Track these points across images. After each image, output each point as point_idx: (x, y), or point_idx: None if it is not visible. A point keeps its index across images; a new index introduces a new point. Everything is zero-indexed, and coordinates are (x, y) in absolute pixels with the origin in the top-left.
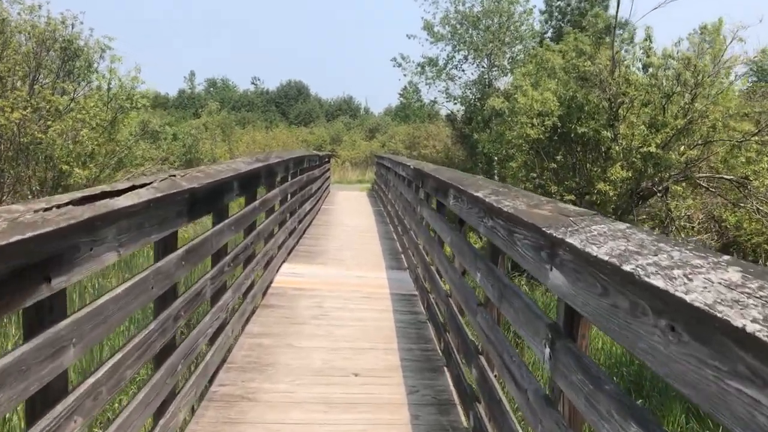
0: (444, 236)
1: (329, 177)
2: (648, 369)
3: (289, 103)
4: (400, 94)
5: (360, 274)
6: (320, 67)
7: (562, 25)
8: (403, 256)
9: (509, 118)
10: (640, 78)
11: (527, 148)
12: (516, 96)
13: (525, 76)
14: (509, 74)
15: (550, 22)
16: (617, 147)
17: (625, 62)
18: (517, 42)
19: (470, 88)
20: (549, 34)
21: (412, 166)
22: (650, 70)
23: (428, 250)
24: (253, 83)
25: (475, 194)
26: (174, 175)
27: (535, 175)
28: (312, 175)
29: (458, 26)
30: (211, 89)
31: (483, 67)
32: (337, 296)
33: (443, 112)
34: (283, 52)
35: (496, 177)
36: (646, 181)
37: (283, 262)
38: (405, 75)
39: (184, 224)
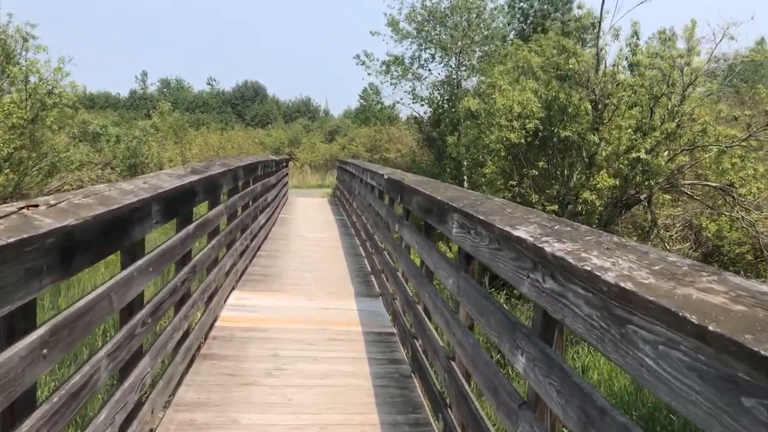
0: (440, 273)
1: (287, 182)
2: None
3: (246, 104)
4: (360, 95)
5: (324, 305)
6: (278, 68)
7: (525, 27)
8: (373, 278)
9: (485, 120)
10: (627, 78)
11: (505, 153)
12: (494, 96)
13: (503, 74)
14: (478, 74)
15: (512, 24)
16: (603, 152)
17: (609, 61)
18: (488, 40)
19: (438, 89)
20: (511, 36)
21: (385, 176)
22: (638, 69)
23: (415, 286)
24: (208, 84)
25: (514, 233)
26: (34, 205)
27: (514, 183)
28: (268, 183)
29: (425, 23)
30: (165, 90)
31: (451, 66)
32: (297, 339)
33: (404, 114)
34: (240, 52)
35: (465, 183)
36: (632, 189)
37: (232, 290)
38: (369, 74)
39: (47, 285)
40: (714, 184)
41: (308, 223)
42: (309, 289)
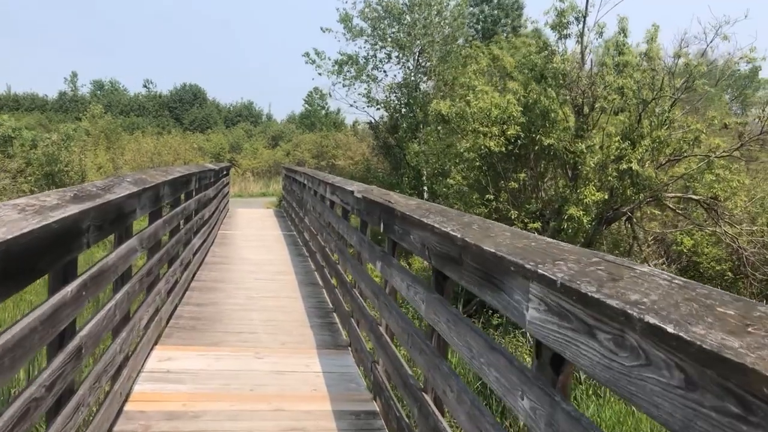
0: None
1: (228, 192)
2: None
3: (184, 108)
4: (304, 100)
5: (279, 367)
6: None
7: (475, 32)
8: (337, 318)
9: (457, 126)
10: (617, 79)
11: (480, 163)
12: (468, 98)
13: (477, 74)
14: (438, 76)
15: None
16: (591, 162)
17: (592, 61)
18: (449, 39)
19: (395, 92)
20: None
21: (357, 193)
22: (625, 70)
23: (416, 356)
24: (145, 86)
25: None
26: None
27: (491, 197)
28: (205, 198)
29: (380, 20)
30: (98, 92)
31: (409, 68)
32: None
33: (350, 119)
34: (179, 54)
35: (425, 195)
36: (619, 203)
37: (154, 346)
38: (320, 74)
39: None
40: (697, 197)
41: (253, 241)
42: (257, 339)
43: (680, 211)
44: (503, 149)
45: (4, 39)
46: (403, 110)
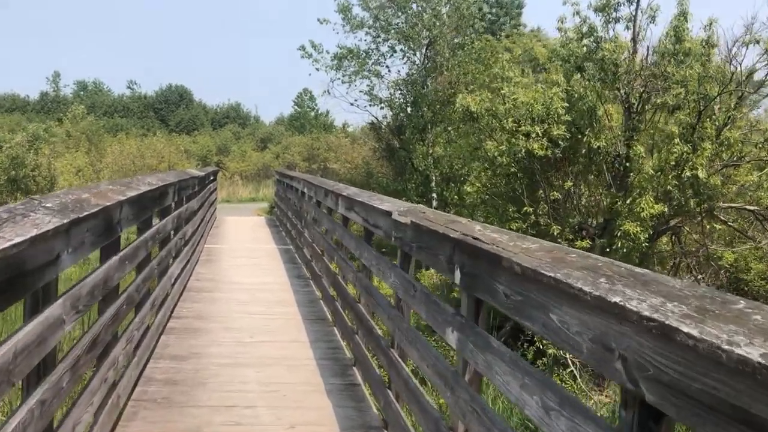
0: None
1: (215, 200)
2: None
3: (170, 109)
4: (294, 101)
5: None
6: (205, 72)
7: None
8: (360, 377)
9: (487, 125)
10: (678, 71)
11: (516, 169)
12: (504, 91)
13: (511, 63)
14: (450, 71)
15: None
16: (650, 169)
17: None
18: (464, 28)
19: (400, 89)
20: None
21: (395, 214)
22: (686, 60)
23: None
24: (129, 87)
25: None
26: None
27: (529, 209)
28: (187, 211)
29: (383, 9)
30: (82, 92)
31: (415, 62)
32: None
33: (339, 121)
34: (164, 54)
35: (434, 203)
36: (679, 216)
37: (114, 427)
38: (317, 68)
39: None
40: (752, 208)
41: (244, 258)
42: (256, 419)
43: (730, 225)
44: (548, 153)
45: None
46: (409, 109)
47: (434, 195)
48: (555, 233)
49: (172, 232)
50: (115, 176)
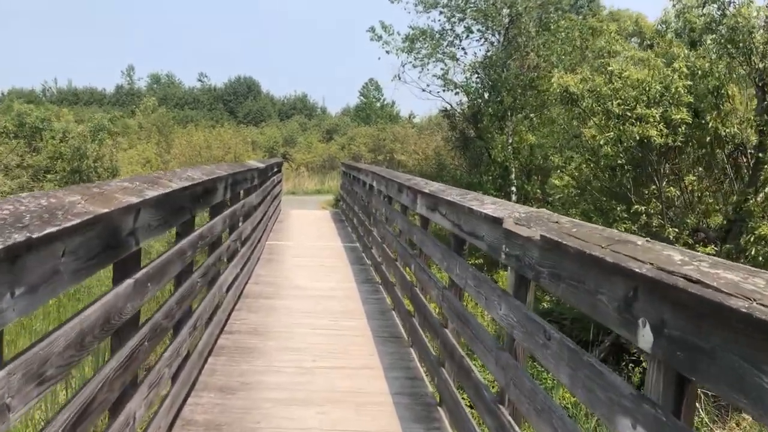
0: None
1: (279, 193)
2: None
3: (238, 101)
4: (360, 92)
5: None
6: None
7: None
8: (447, 420)
9: (590, 108)
10: None
11: (626, 159)
12: (611, 68)
13: (617, 35)
14: (536, 50)
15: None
16: None
17: None
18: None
19: (477, 72)
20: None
21: (506, 222)
22: None
23: None
24: (199, 80)
25: None
26: None
27: (641, 209)
28: (245, 207)
29: None
30: (155, 85)
31: (493, 43)
32: None
33: (405, 111)
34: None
35: (513, 197)
36: None
37: None
38: (387, 51)
39: None
40: None
41: (307, 258)
42: None
43: None
44: (667, 141)
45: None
46: (487, 95)
47: (513, 189)
48: (671, 236)
49: (225, 233)
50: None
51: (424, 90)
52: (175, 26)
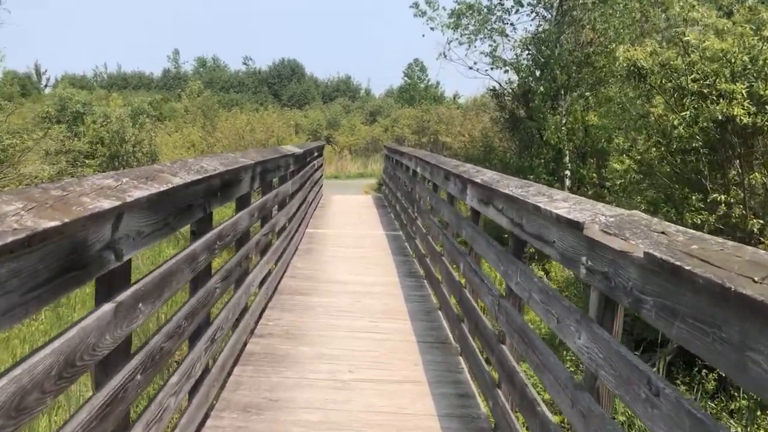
0: None
1: (320, 178)
2: None
3: (282, 84)
4: (404, 72)
5: None
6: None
7: None
8: None
9: (660, 84)
10: None
11: (701, 142)
12: (688, 38)
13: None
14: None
15: None
16: None
17: None
18: None
19: (528, 49)
20: None
21: (623, 244)
22: None
23: None
24: (244, 63)
25: None
26: None
27: (721, 197)
28: (279, 197)
29: None
30: (201, 69)
31: (545, 17)
32: None
33: (449, 92)
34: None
35: (567, 182)
36: None
37: None
38: (432, 28)
39: None
40: None
41: (348, 248)
42: None
43: None
44: (756, 120)
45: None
46: (538, 72)
47: (567, 173)
48: (755, 229)
49: (257, 225)
50: (226, 151)
51: (471, 68)
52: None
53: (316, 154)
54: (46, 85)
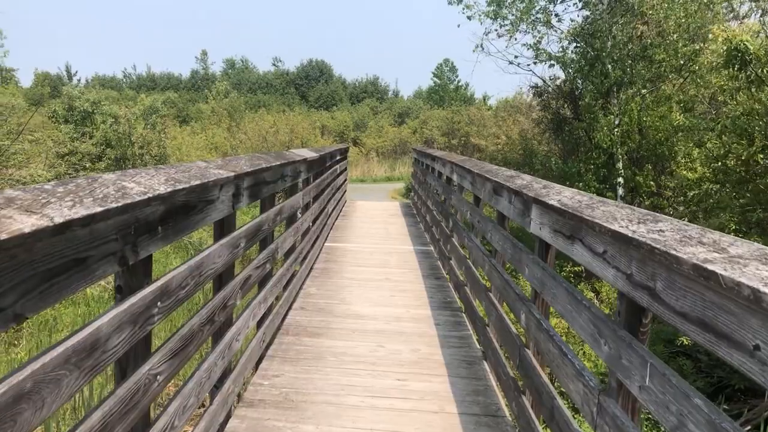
0: None
1: (343, 183)
2: None
3: (310, 85)
4: (433, 73)
5: None
6: (345, 46)
7: None
8: None
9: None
10: None
11: None
12: None
13: None
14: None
15: None
16: None
17: None
18: None
19: (577, 41)
20: None
21: None
22: None
23: None
24: (274, 64)
25: None
26: None
27: None
28: (285, 212)
29: None
30: (229, 70)
31: (596, 5)
32: None
33: (479, 92)
34: (307, 29)
35: (620, 191)
36: None
37: None
38: (469, 17)
39: None
40: None
41: (371, 267)
42: None
43: None
44: None
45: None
46: (586, 68)
47: (620, 180)
48: None
49: (255, 249)
50: (249, 153)
51: (511, 63)
52: (250, 11)
53: (338, 157)
54: (76, 86)
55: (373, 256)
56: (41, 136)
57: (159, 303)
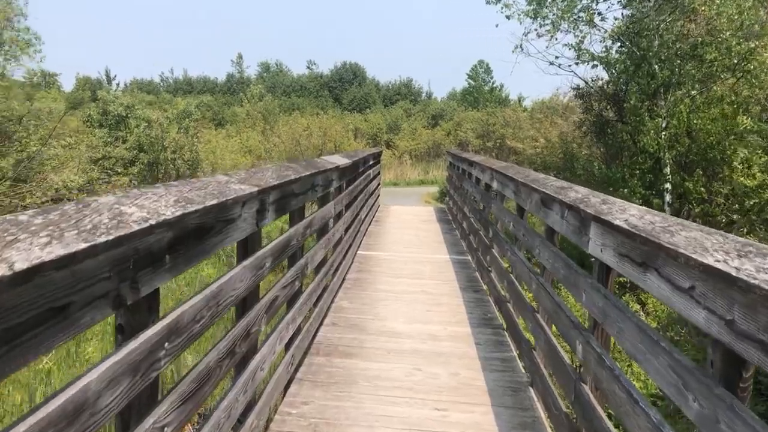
0: None
1: (376, 188)
2: None
3: (344, 87)
4: (467, 74)
5: None
6: (378, 47)
7: None
8: None
9: None
10: None
11: None
12: None
13: None
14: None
15: None
16: None
17: None
18: None
19: (621, 40)
20: None
21: None
22: None
23: None
24: (308, 67)
25: None
26: None
27: None
28: (315, 224)
29: None
30: (264, 74)
31: (644, 3)
32: None
33: (514, 94)
34: (341, 33)
35: (667, 198)
36: None
37: None
38: (508, 16)
39: None
40: None
41: (404, 280)
42: None
43: None
44: None
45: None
46: (632, 68)
47: (668, 187)
48: None
49: (284, 265)
50: (282, 156)
51: (551, 63)
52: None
53: (371, 162)
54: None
55: (407, 265)
56: (74, 140)
57: (167, 344)
